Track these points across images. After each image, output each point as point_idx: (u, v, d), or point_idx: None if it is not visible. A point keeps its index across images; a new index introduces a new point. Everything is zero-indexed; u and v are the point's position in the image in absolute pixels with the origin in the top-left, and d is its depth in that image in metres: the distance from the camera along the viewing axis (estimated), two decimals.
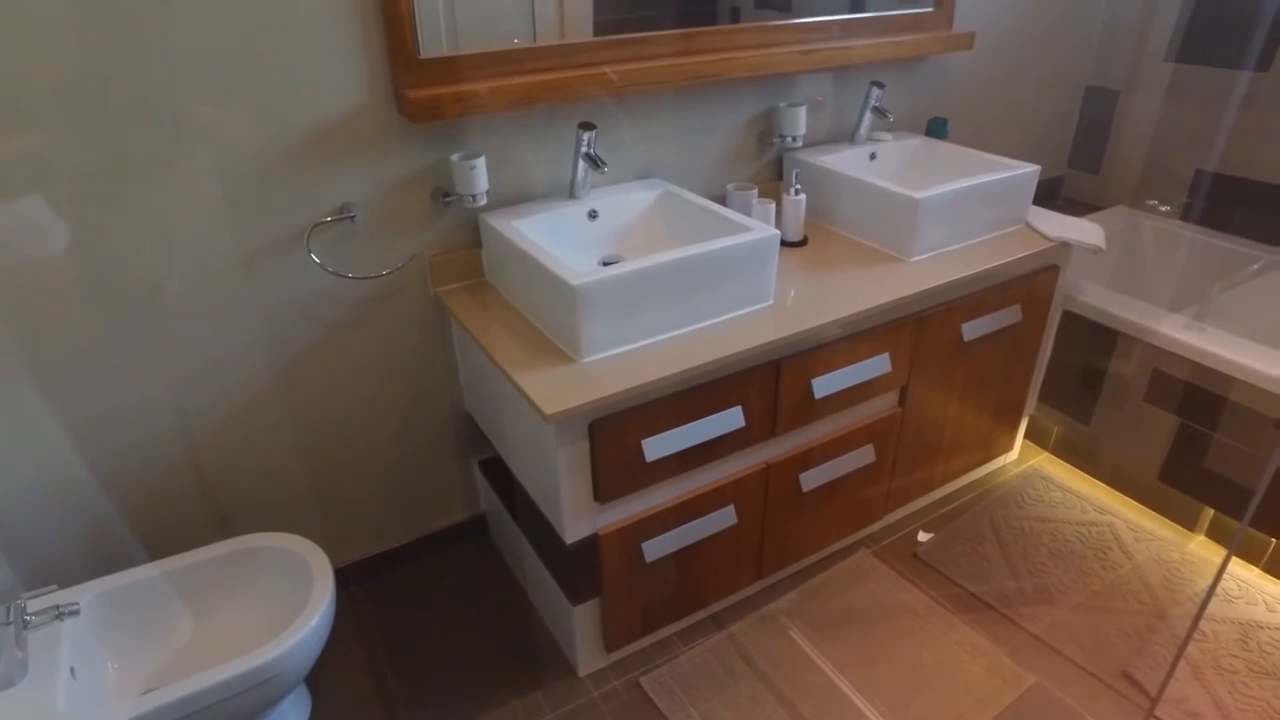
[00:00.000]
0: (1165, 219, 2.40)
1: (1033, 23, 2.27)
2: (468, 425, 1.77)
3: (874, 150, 1.95)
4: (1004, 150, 2.23)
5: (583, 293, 1.25)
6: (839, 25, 1.86)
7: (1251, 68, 2.15)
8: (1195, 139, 2.31)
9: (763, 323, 1.42)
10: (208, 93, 1.26)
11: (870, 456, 1.72)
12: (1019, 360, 1.94)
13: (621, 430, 1.32)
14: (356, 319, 1.54)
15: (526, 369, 1.31)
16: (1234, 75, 2.18)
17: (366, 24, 1.34)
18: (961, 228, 1.72)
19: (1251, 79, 2.15)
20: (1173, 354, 1.86)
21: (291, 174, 1.37)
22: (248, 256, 1.39)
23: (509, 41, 1.50)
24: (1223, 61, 2.21)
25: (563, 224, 1.56)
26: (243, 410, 1.50)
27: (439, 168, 1.50)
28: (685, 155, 1.78)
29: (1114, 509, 2.04)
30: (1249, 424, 1.75)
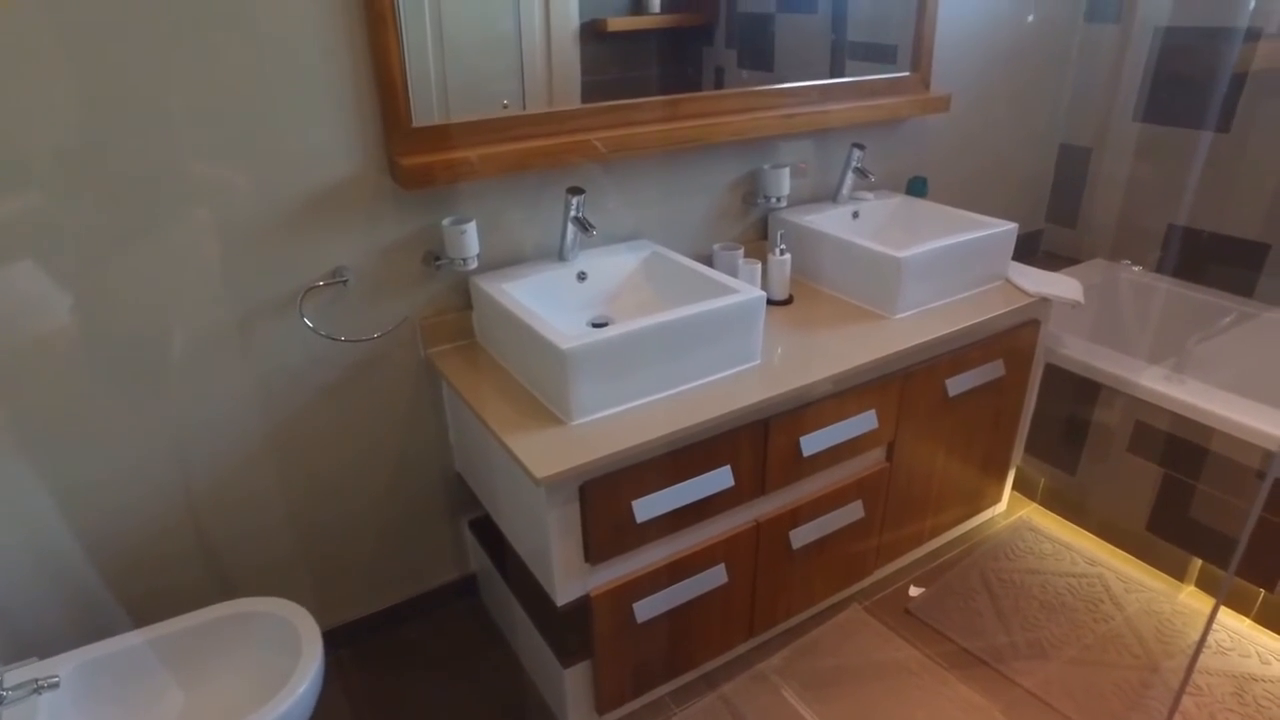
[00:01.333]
0: (1143, 271, 2.45)
1: (1005, 84, 2.35)
2: (458, 485, 1.77)
3: (856, 209, 2.00)
4: (983, 206, 2.29)
5: (572, 356, 1.27)
6: (820, 90, 1.92)
7: (1213, 128, 2.23)
8: (1165, 194, 2.38)
9: (751, 382, 1.44)
10: (204, 161, 1.28)
11: (859, 512, 1.73)
12: (1004, 413, 1.96)
13: (612, 492, 1.32)
14: (348, 381, 1.55)
15: (517, 431, 1.32)
16: (1197, 135, 2.26)
17: (360, 94, 1.38)
18: (943, 285, 1.76)
19: (1214, 139, 2.23)
20: (1153, 405, 1.89)
21: (286, 239, 1.40)
22: (241, 320, 1.40)
23: (498, 103, 1.55)
24: (1186, 122, 2.29)
25: (552, 286, 1.58)
26: (233, 473, 1.49)
27: (430, 232, 1.52)
28: (672, 216, 1.82)
29: (1103, 560, 2.05)
30: (1230, 474, 1.77)
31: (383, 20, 1.34)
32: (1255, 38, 2.11)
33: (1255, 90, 2.13)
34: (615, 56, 1.69)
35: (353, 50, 1.35)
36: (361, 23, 1.34)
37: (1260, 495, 1.70)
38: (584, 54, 1.63)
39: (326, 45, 1.32)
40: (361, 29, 1.34)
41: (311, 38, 1.31)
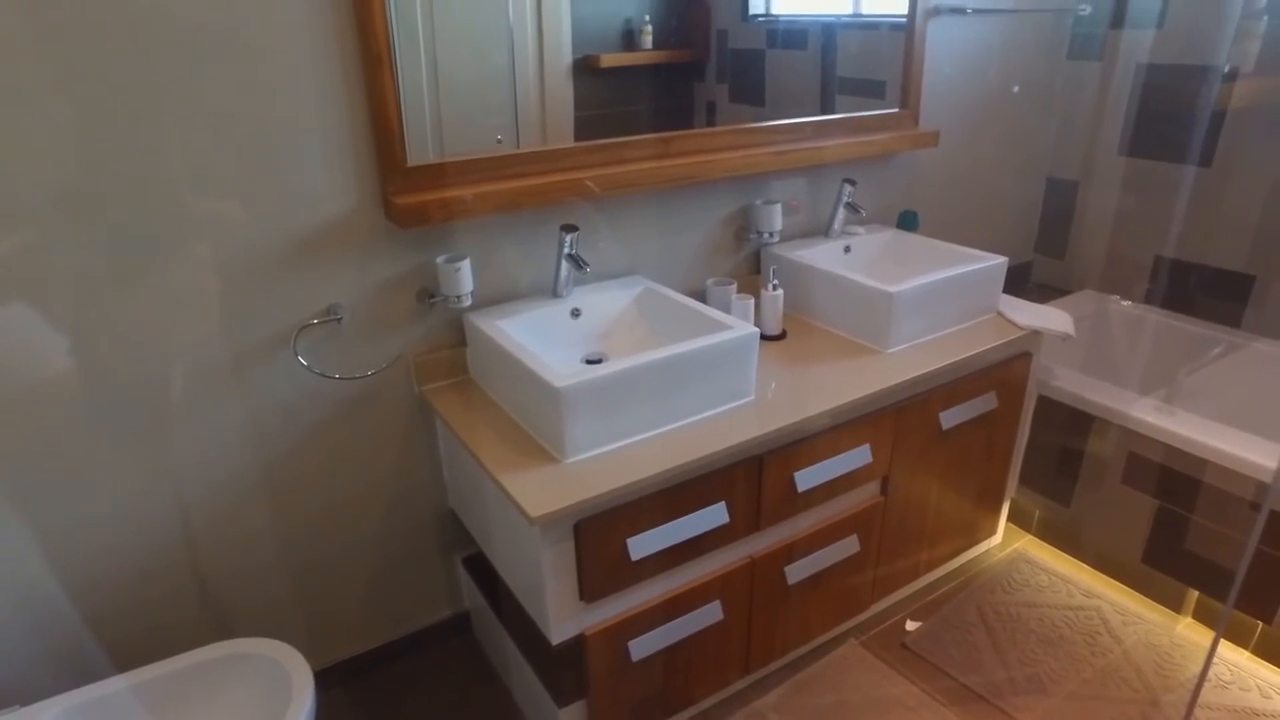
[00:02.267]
0: (1131, 302, 2.48)
1: (993, 119, 2.39)
2: (451, 522, 1.76)
3: (848, 244, 2.02)
4: (973, 238, 2.31)
5: (566, 395, 1.27)
6: (811, 126, 1.95)
7: (1196, 163, 2.27)
8: (1151, 227, 2.41)
9: (745, 419, 1.44)
10: (200, 201, 1.29)
11: (855, 546, 1.72)
12: (997, 446, 1.97)
13: (606, 529, 1.32)
14: (341, 418, 1.54)
15: (511, 470, 1.31)
16: (1180, 169, 2.30)
17: (356, 134, 1.39)
18: (935, 319, 1.77)
19: (1197, 173, 2.27)
20: (1145, 437, 1.89)
21: (280, 277, 1.40)
22: (235, 358, 1.40)
23: (492, 138, 1.57)
24: (1169, 157, 2.33)
25: (546, 323, 1.59)
26: (225, 511, 1.48)
27: (425, 269, 1.53)
28: (665, 252, 1.83)
29: (1100, 592, 2.04)
30: (1224, 505, 1.77)
31: (379, 62, 1.36)
32: (1233, 77, 2.16)
33: (1235, 126, 2.17)
34: (608, 92, 1.71)
35: (349, 91, 1.36)
36: (358, 64, 1.36)
37: (1256, 528, 1.70)
38: (577, 89, 1.65)
39: (323, 86, 1.34)
40: (358, 71, 1.36)
41: (308, 79, 1.32)
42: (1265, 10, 2.06)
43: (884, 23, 2.08)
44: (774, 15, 1.91)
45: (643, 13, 1.70)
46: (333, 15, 1.31)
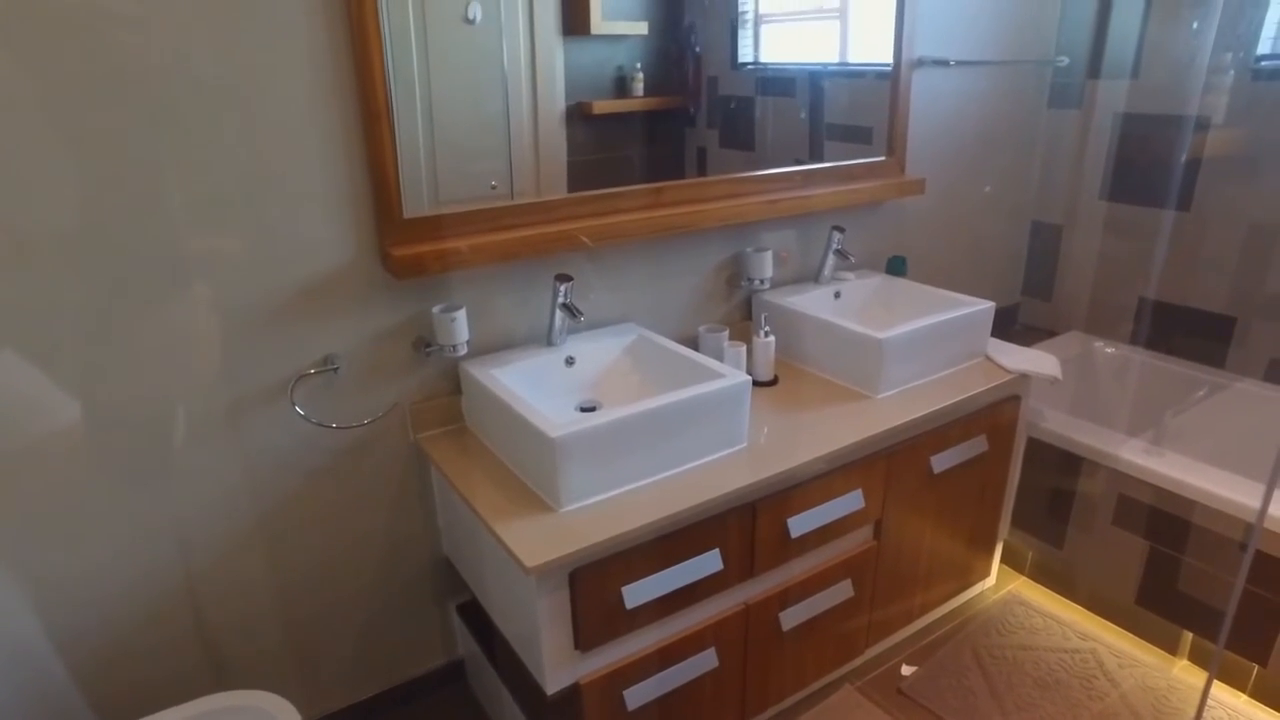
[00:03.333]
0: (1117, 344, 2.51)
1: (978, 166, 2.45)
2: (446, 569, 1.76)
3: (838, 290, 2.05)
4: (961, 282, 2.36)
5: (561, 444, 1.28)
6: (800, 175, 1.99)
7: (1174, 208, 2.32)
8: (1134, 270, 2.46)
9: (738, 466, 1.46)
10: (199, 251, 1.31)
11: (849, 591, 1.72)
12: (989, 488, 1.98)
13: (602, 578, 1.32)
14: (337, 466, 1.55)
15: (507, 519, 1.32)
16: (1160, 214, 2.36)
17: (355, 187, 1.42)
18: (924, 364, 1.80)
19: (1177, 217, 2.32)
20: (1135, 478, 1.91)
21: (278, 328, 1.42)
22: (232, 408, 1.41)
23: (486, 183, 1.59)
24: (1148, 201, 2.39)
25: (541, 371, 1.61)
26: (221, 559, 1.48)
27: (421, 319, 1.55)
28: (658, 300, 1.86)
29: (1095, 634, 2.04)
30: (1214, 546, 1.79)
31: (378, 118, 1.39)
32: (1205, 127, 2.23)
33: (1210, 173, 2.23)
34: (601, 137, 1.75)
35: (348, 146, 1.39)
36: (357, 120, 1.39)
37: (1242, 568, 1.71)
38: (570, 135, 1.69)
39: (323, 141, 1.37)
40: (357, 126, 1.39)
41: (308, 133, 1.35)
42: (1231, 65, 2.14)
43: (870, 71, 2.13)
44: (762, 63, 1.96)
45: (634, 60, 1.75)
46: (333, 72, 1.35)
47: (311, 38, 1.32)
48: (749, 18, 1.90)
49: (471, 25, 1.52)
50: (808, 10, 2.05)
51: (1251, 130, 2.13)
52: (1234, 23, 2.13)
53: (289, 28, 1.30)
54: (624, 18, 1.71)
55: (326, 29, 1.33)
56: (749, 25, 1.91)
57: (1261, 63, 2.10)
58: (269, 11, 1.27)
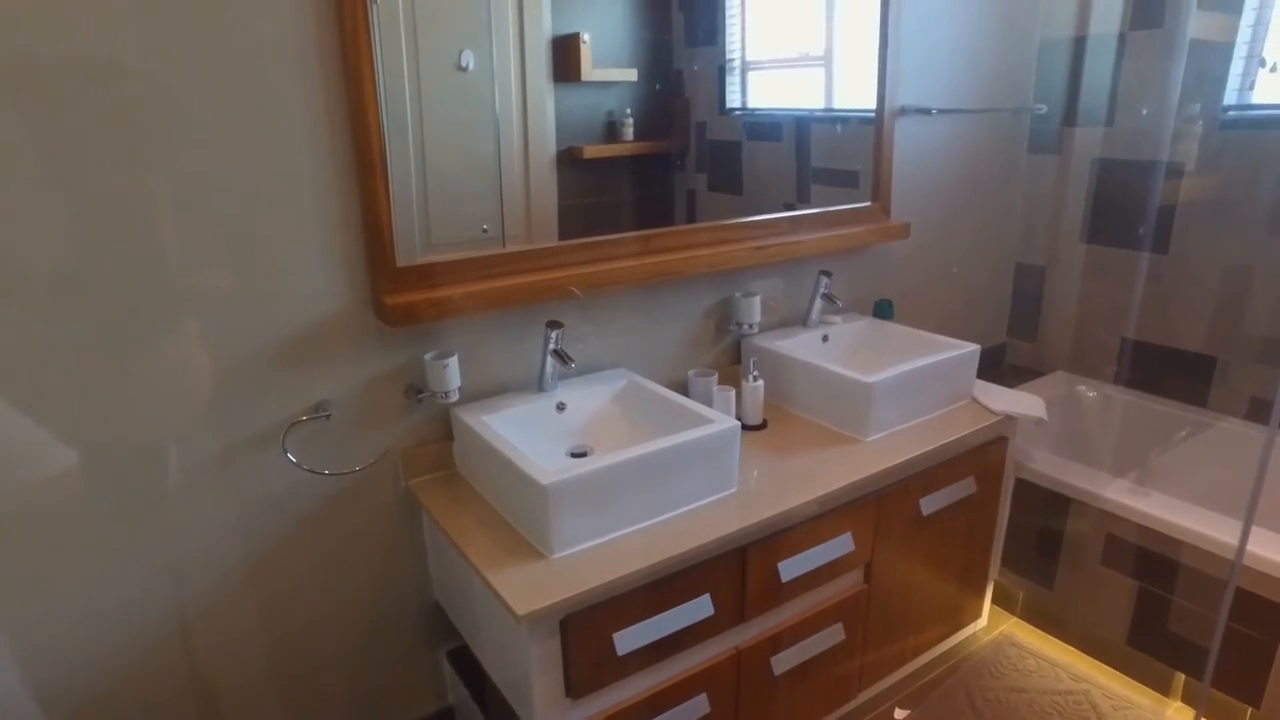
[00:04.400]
0: (1101, 384, 2.55)
1: (961, 210, 2.50)
2: (437, 615, 1.75)
3: (826, 333, 2.08)
4: (947, 323, 2.39)
5: (552, 491, 1.29)
6: (787, 222, 2.03)
7: (1152, 250, 2.39)
8: (1116, 310, 2.51)
9: (728, 511, 1.47)
10: (191, 299, 1.33)
11: (840, 635, 1.72)
12: (978, 530, 1.99)
13: (593, 625, 1.32)
14: (328, 512, 1.55)
15: (498, 566, 1.32)
16: (1138, 256, 2.42)
17: (348, 236, 1.44)
18: (912, 407, 1.82)
19: (1155, 260, 2.38)
20: (1122, 518, 1.93)
21: (271, 375, 1.43)
22: (223, 455, 1.42)
23: (478, 227, 1.62)
24: (1126, 244, 2.45)
25: (532, 417, 1.62)
26: (212, 609, 1.47)
27: (413, 365, 1.57)
28: (648, 345, 1.88)
29: (1088, 675, 2.04)
30: (1202, 586, 1.80)
31: (371, 169, 1.42)
32: (1180, 173, 2.29)
33: (1185, 217, 2.30)
34: (592, 181, 1.78)
35: (342, 195, 1.42)
36: (352, 171, 1.41)
37: (1224, 606, 1.72)
38: (561, 179, 1.71)
39: (317, 190, 1.39)
40: (351, 176, 1.42)
41: (303, 182, 1.38)
42: (1199, 115, 2.22)
43: (855, 117, 2.18)
44: (750, 108, 2.01)
45: (624, 106, 1.79)
46: (329, 124, 1.38)
47: (308, 91, 1.35)
48: (736, 64, 1.96)
49: (464, 73, 1.56)
50: (794, 58, 2.11)
51: (1222, 176, 2.20)
52: (1201, 74, 2.21)
53: (286, 80, 1.33)
54: (614, 65, 1.75)
55: (323, 83, 1.36)
56: (736, 71, 1.96)
57: (1228, 112, 2.17)
58: (267, 65, 1.31)
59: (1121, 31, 2.36)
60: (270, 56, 1.31)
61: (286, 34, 1.31)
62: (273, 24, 1.30)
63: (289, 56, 1.32)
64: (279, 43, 1.31)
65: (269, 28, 1.30)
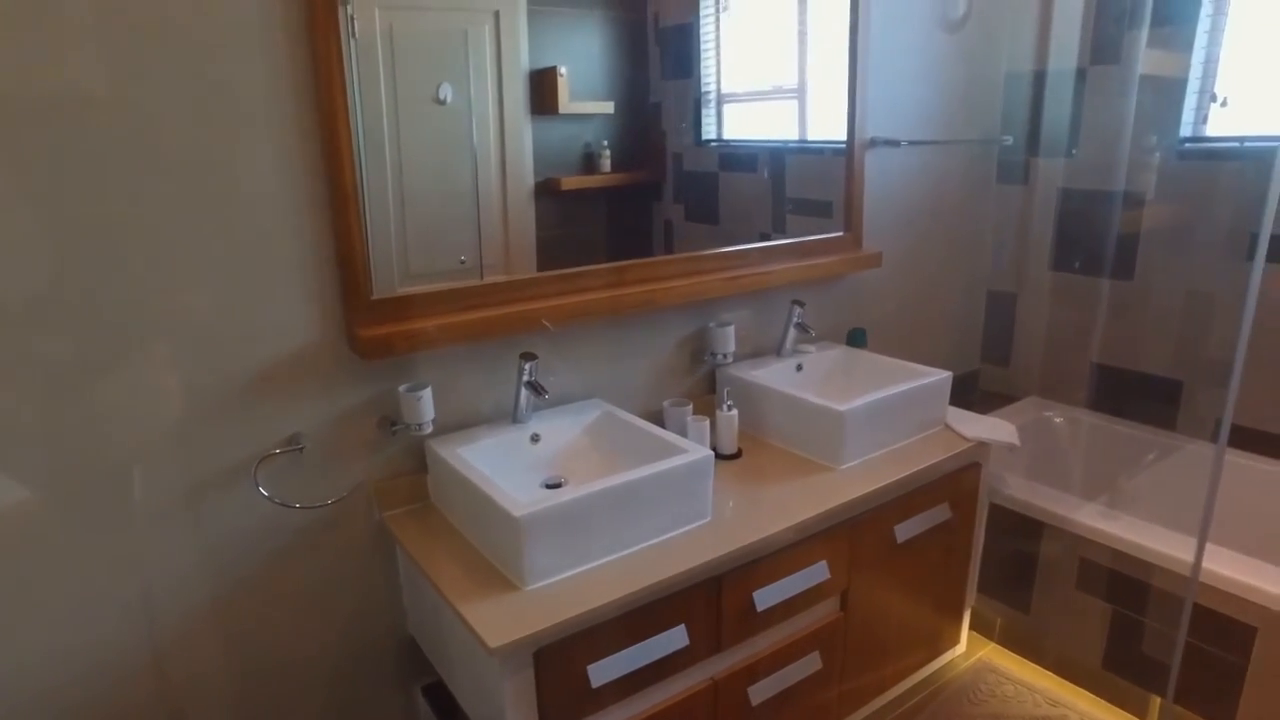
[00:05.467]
0: (1072, 408, 2.59)
1: (933, 239, 2.54)
2: (411, 649, 1.73)
3: (800, 362, 2.10)
4: (920, 350, 2.43)
5: (525, 523, 1.29)
6: (760, 252, 2.06)
7: (1118, 277, 2.45)
8: (1085, 336, 2.56)
9: (702, 540, 1.47)
10: (164, 331, 1.32)
11: (817, 664, 1.72)
12: (954, 555, 2.01)
13: (567, 657, 1.32)
14: (301, 546, 1.54)
15: (470, 599, 1.32)
16: (1105, 283, 2.48)
17: (322, 269, 1.45)
18: (885, 434, 1.84)
19: (1121, 286, 2.44)
20: (1094, 542, 1.95)
21: (242, 408, 1.42)
22: (193, 489, 1.40)
23: (456, 257, 1.63)
24: (1094, 271, 2.51)
25: (506, 449, 1.62)
26: (178, 643, 1.45)
27: (386, 397, 1.57)
28: (622, 376, 1.89)
29: (1066, 700, 2.04)
30: (1172, 608, 1.81)
31: (345, 203, 1.43)
32: (1141, 203, 2.36)
33: (1148, 244, 2.36)
34: (570, 212, 1.80)
35: (316, 228, 1.42)
36: (326, 204, 1.42)
37: (1182, 624, 1.74)
38: (540, 210, 1.73)
39: (291, 223, 1.40)
40: (325, 209, 1.42)
41: (276, 215, 1.38)
42: (1157, 147, 2.29)
43: (828, 149, 2.22)
44: (725, 140, 2.04)
45: (601, 138, 1.81)
46: (302, 159, 1.39)
47: (281, 125, 1.36)
48: (712, 97, 1.99)
49: (443, 105, 1.58)
50: (767, 90, 2.15)
51: (1182, 205, 2.26)
52: (1157, 108, 2.29)
53: (259, 115, 1.34)
54: (591, 98, 1.78)
55: (296, 117, 1.37)
56: (712, 104, 2.00)
57: (1185, 144, 2.25)
58: (238, 100, 1.32)
59: (1081, 67, 2.43)
60: (242, 91, 1.32)
61: (259, 69, 1.33)
62: (245, 59, 1.31)
63: (262, 91, 1.34)
64: (252, 78, 1.32)
65: (241, 63, 1.31)
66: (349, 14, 1.40)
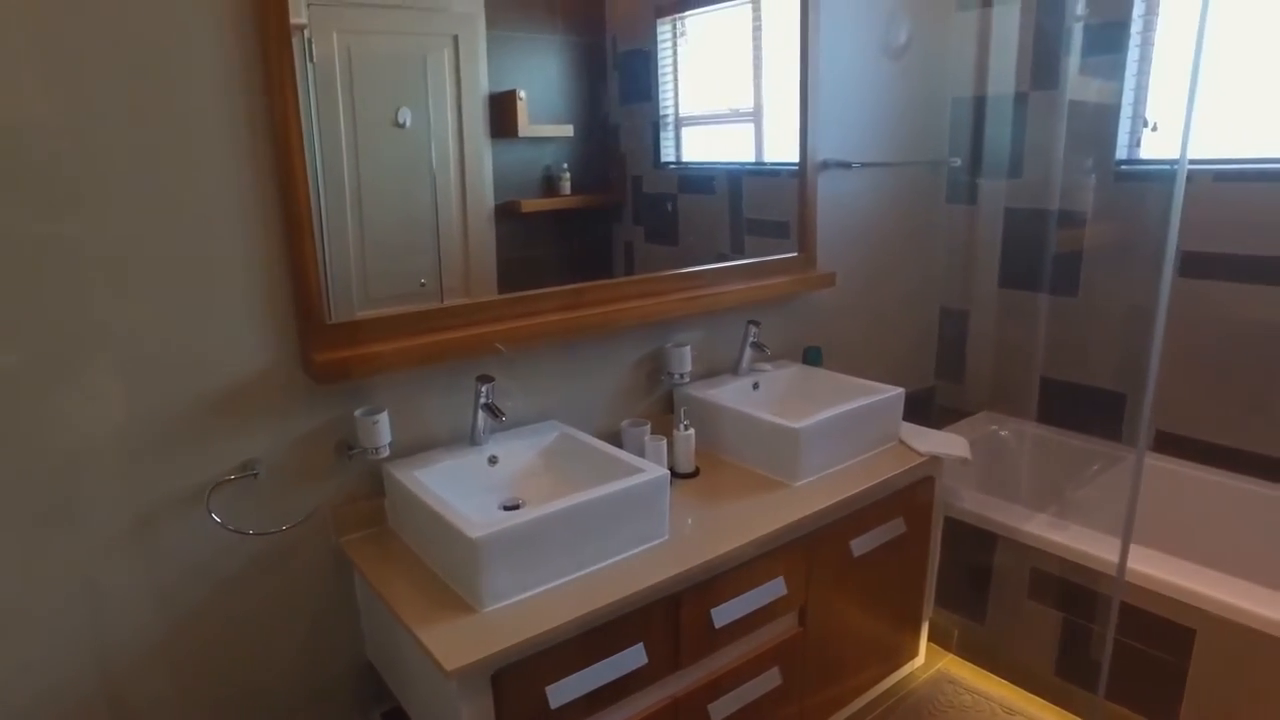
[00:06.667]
0: (1023, 421, 2.66)
1: (886, 258, 2.61)
2: (370, 675, 1.71)
3: (757, 381, 2.14)
4: (876, 368, 2.47)
5: (481, 545, 1.29)
6: (716, 273, 2.09)
7: (1063, 293, 2.54)
8: (1034, 351, 2.63)
9: (660, 559, 1.49)
10: (114, 356, 1.31)
11: (777, 679, 1.74)
12: (910, 569, 2.04)
13: (525, 679, 1.32)
14: (255, 573, 1.52)
15: (427, 622, 1.32)
16: (1051, 299, 2.56)
17: (277, 293, 1.44)
18: (840, 450, 1.87)
19: (1066, 302, 2.53)
20: (1044, 552, 2.00)
21: (195, 435, 1.41)
22: (144, 517, 1.38)
23: (416, 280, 1.63)
24: (1040, 288, 2.59)
25: (464, 471, 1.63)
26: (126, 677, 1.42)
27: (343, 421, 1.56)
28: (580, 396, 1.90)
29: (1021, 708, 2.08)
30: (1122, 615, 1.87)
31: (300, 228, 1.43)
32: (1082, 222, 2.45)
33: (1091, 262, 2.46)
34: (531, 234, 1.81)
35: (270, 253, 1.42)
36: (280, 229, 1.42)
37: (1110, 620, 1.80)
38: (500, 232, 1.74)
39: (245, 248, 1.40)
40: (280, 235, 1.42)
41: (230, 241, 1.38)
42: (1093, 169, 2.39)
43: (784, 171, 2.26)
44: (684, 162, 2.08)
45: (561, 160, 1.83)
46: (255, 183, 1.39)
47: (234, 151, 1.36)
48: (670, 120, 2.03)
49: (402, 130, 1.59)
50: (725, 113, 2.19)
51: (1120, 224, 2.36)
52: (1093, 131, 2.39)
53: (211, 141, 1.34)
54: (550, 121, 1.80)
55: (250, 143, 1.37)
56: (670, 126, 2.03)
57: (1121, 166, 2.34)
58: (190, 126, 1.32)
59: (1023, 91, 2.52)
60: (194, 120, 1.32)
61: (211, 97, 1.33)
62: (196, 85, 1.31)
63: (214, 119, 1.34)
64: (203, 107, 1.33)
65: (192, 88, 1.31)
66: (306, 37, 1.41)
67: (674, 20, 2.00)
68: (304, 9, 1.41)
